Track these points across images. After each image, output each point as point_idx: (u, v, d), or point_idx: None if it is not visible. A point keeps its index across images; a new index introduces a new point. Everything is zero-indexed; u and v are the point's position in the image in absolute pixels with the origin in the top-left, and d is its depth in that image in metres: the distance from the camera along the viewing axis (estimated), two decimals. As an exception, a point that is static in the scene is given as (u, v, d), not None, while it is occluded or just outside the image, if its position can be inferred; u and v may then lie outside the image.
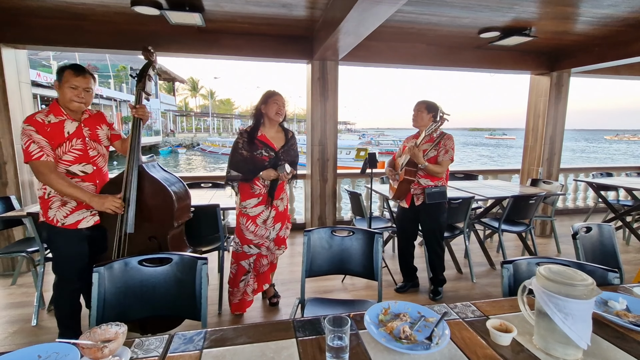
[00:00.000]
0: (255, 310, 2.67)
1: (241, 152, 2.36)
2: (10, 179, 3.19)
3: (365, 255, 1.95)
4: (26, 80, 3.34)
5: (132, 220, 1.91)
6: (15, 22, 3.03)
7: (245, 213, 2.42)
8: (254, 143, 2.36)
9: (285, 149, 2.45)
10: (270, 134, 2.43)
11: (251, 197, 2.41)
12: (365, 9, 2.08)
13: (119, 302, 1.47)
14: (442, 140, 2.61)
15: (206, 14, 2.88)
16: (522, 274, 1.57)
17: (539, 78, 4.48)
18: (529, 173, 4.68)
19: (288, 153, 2.46)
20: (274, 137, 2.44)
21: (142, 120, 1.98)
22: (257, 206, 2.41)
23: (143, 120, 1.98)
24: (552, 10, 2.83)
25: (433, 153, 2.62)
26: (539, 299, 0.98)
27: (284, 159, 2.42)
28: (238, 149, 2.37)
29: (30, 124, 1.78)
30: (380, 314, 1.14)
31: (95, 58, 30.49)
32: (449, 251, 3.36)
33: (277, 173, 2.35)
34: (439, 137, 2.61)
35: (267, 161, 2.38)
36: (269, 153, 2.38)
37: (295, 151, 2.54)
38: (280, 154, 2.42)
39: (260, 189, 2.41)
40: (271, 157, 2.39)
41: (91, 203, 1.84)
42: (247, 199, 2.41)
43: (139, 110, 1.95)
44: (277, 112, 2.37)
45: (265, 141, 2.40)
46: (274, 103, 2.36)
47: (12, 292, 2.90)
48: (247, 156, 2.35)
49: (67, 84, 1.83)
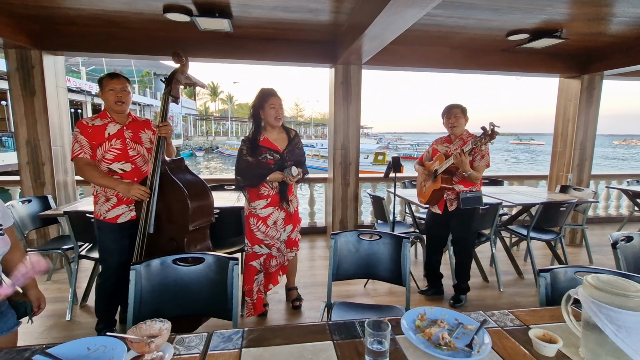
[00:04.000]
0: (278, 313, 2.68)
1: (246, 159, 2.36)
2: (47, 179, 3.35)
3: (392, 260, 1.93)
4: (62, 85, 3.51)
5: (153, 220, 1.99)
6: (54, 31, 3.19)
7: (256, 214, 2.43)
8: (257, 148, 2.34)
9: (289, 149, 2.42)
10: (273, 136, 2.41)
11: (260, 198, 2.40)
12: (394, 12, 2.08)
13: (154, 300, 1.51)
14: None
15: (234, 19, 2.95)
16: (560, 283, 1.51)
17: (568, 81, 4.34)
18: (557, 179, 4.52)
19: (293, 152, 2.43)
20: (276, 139, 2.41)
21: (166, 137, 2.05)
22: (266, 207, 2.41)
23: (167, 138, 2.06)
24: (585, 11, 2.74)
25: (469, 158, 2.53)
26: (587, 310, 0.94)
27: (289, 159, 2.39)
28: (243, 155, 2.37)
29: (77, 126, 2.02)
30: (416, 320, 1.12)
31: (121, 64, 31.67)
32: (474, 258, 3.28)
33: (283, 176, 2.34)
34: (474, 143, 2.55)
35: (273, 164, 2.36)
36: (274, 156, 2.36)
37: (301, 150, 2.50)
38: (285, 155, 2.39)
39: (268, 191, 2.40)
40: (276, 159, 2.37)
41: (118, 189, 2.00)
42: (256, 200, 2.41)
43: (162, 129, 2.02)
44: (276, 117, 2.34)
45: (268, 145, 2.38)
46: (271, 108, 2.32)
47: (47, 288, 3.03)
48: (252, 162, 2.34)
49: (106, 88, 2.01)
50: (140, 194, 1.98)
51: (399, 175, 3.00)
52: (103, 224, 2.11)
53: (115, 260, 2.13)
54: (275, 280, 2.65)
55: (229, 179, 4.25)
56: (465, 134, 2.64)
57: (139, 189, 1.98)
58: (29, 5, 2.72)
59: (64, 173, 3.52)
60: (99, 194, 2.10)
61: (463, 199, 2.57)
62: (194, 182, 2.18)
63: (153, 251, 2.06)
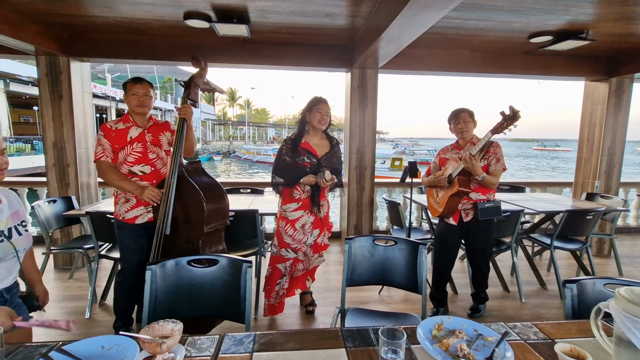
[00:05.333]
0: (292, 317, 2.66)
1: (284, 159, 2.41)
2: (71, 180, 3.47)
3: (408, 267, 1.88)
4: (88, 90, 3.65)
5: (169, 221, 2.03)
6: (81, 38, 3.33)
7: (285, 216, 2.45)
8: (297, 150, 2.40)
9: (328, 156, 2.47)
10: (314, 141, 2.46)
11: (291, 201, 2.44)
12: (412, 15, 2.05)
13: (168, 301, 1.53)
14: (492, 148, 2.44)
15: (252, 25, 2.99)
16: (587, 295, 1.43)
17: (595, 84, 4.16)
18: (583, 186, 4.33)
19: (330, 160, 2.47)
20: (317, 144, 2.46)
21: (186, 120, 2.09)
22: (296, 210, 2.44)
23: (187, 120, 2.10)
24: (613, 11, 2.63)
25: (483, 163, 2.42)
26: (620, 325, 0.88)
27: (325, 165, 2.44)
28: (282, 155, 2.43)
29: (101, 129, 2.08)
30: (433, 329, 1.08)
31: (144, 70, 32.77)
32: (494, 267, 3.16)
33: (316, 179, 2.36)
34: (487, 145, 2.42)
35: (309, 167, 2.40)
36: (311, 160, 2.41)
37: (339, 159, 2.55)
38: (322, 161, 2.43)
39: (300, 194, 2.43)
40: (312, 163, 2.41)
41: (135, 192, 2.06)
42: (287, 203, 2.45)
43: (182, 109, 2.09)
44: (320, 120, 2.40)
45: (307, 148, 2.43)
46: (317, 112, 2.39)
47: (69, 286, 3.13)
48: (289, 162, 2.40)
49: (130, 92, 2.08)
50: (152, 196, 2.03)
51: (416, 180, 2.94)
52: (122, 223, 2.16)
53: (134, 259, 2.18)
54: (303, 285, 2.64)
55: (245, 182, 4.29)
56: (475, 139, 2.49)
57: (151, 192, 2.03)
58: (59, 13, 2.85)
59: (87, 175, 3.64)
60: (119, 194, 2.16)
61: (481, 209, 2.40)
62: (211, 185, 2.20)
63: (169, 252, 2.09)
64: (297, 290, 2.64)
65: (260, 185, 3.99)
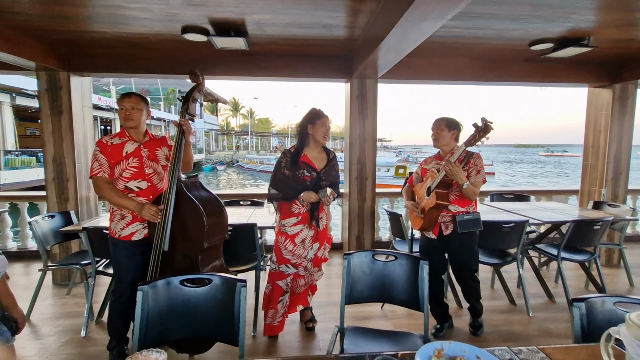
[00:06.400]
0: (291, 334, 2.58)
1: (283, 172, 2.37)
2: (71, 194, 3.46)
3: (409, 283, 1.82)
4: (88, 104, 3.66)
5: (167, 237, 1.99)
6: (81, 53, 3.36)
7: (284, 231, 2.40)
8: (297, 163, 2.36)
9: (327, 169, 2.43)
10: (313, 154, 2.42)
11: (290, 216, 2.39)
12: (410, 25, 2.03)
13: (161, 321, 1.48)
14: (472, 159, 2.34)
15: (250, 38, 2.99)
16: (597, 314, 1.36)
17: (598, 91, 4.11)
18: (589, 194, 4.24)
19: (329, 174, 2.44)
20: (315, 157, 2.43)
21: (185, 133, 2.08)
22: (295, 225, 2.39)
23: (185, 133, 2.08)
24: (614, 17, 2.59)
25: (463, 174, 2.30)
26: (632, 354, 0.82)
27: (325, 179, 2.40)
28: (280, 167, 2.38)
29: (97, 145, 2.07)
30: (432, 356, 1.02)
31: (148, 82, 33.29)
32: (499, 279, 3.08)
33: (317, 197, 2.32)
34: (467, 156, 2.32)
35: (309, 181, 2.36)
36: (311, 173, 2.37)
37: (337, 172, 2.52)
38: (322, 175, 2.40)
39: (299, 209, 2.38)
40: (313, 177, 2.37)
41: (134, 209, 2.04)
42: (286, 218, 2.40)
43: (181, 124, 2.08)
44: (325, 135, 2.37)
45: (307, 162, 2.39)
46: (322, 126, 2.36)
47: (66, 302, 3.08)
48: (288, 175, 2.35)
49: (119, 107, 2.09)
50: (151, 214, 2.00)
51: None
52: (117, 241, 2.12)
53: (129, 276, 2.14)
54: (304, 301, 2.58)
55: (245, 194, 4.26)
56: (456, 149, 2.35)
57: (149, 210, 2.00)
58: (58, 30, 2.87)
59: (87, 189, 3.62)
60: (115, 211, 2.13)
61: (460, 222, 2.30)
62: (209, 199, 2.17)
63: (167, 269, 2.05)
64: (298, 307, 2.58)
65: (261, 197, 3.95)
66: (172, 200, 2.01)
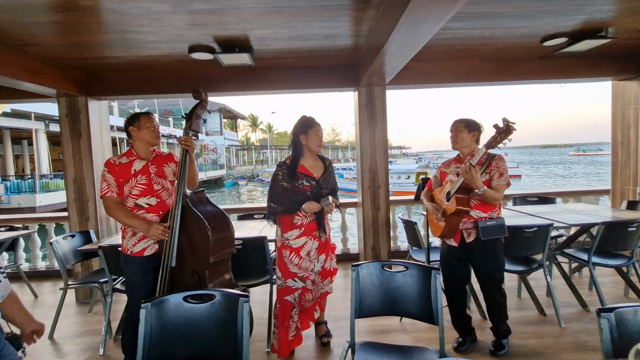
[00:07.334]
0: (306, 351, 2.51)
1: (281, 184, 2.33)
2: (91, 214, 3.59)
3: (421, 295, 1.73)
4: (106, 126, 3.82)
5: (174, 253, 2.00)
6: (97, 78, 3.53)
7: (289, 245, 2.35)
8: (295, 175, 2.33)
9: (325, 177, 2.39)
10: (309, 163, 2.39)
11: (293, 228, 2.34)
12: (408, 28, 1.99)
13: (164, 341, 1.46)
14: (494, 162, 2.22)
15: (254, 53, 3.04)
16: (629, 326, 1.23)
17: (623, 84, 3.88)
18: (622, 194, 3.96)
19: (328, 181, 2.40)
20: (312, 166, 2.39)
21: (189, 151, 2.11)
22: (299, 237, 2.33)
23: (189, 151, 2.11)
24: (631, 5, 2.44)
25: (485, 177, 2.20)
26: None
27: (325, 187, 2.36)
28: (278, 181, 2.34)
29: (105, 165, 2.12)
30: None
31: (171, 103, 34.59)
32: (526, 287, 2.89)
33: (320, 206, 2.28)
34: (489, 159, 2.21)
35: (309, 191, 2.32)
36: (310, 182, 2.33)
37: (334, 179, 2.48)
38: (321, 182, 2.36)
39: (301, 220, 2.33)
40: (312, 186, 2.33)
41: (142, 229, 2.06)
42: (289, 231, 2.34)
43: (185, 141, 2.11)
44: (319, 144, 2.34)
45: (305, 172, 2.35)
46: (315, 135, 2.32)
47: (87, 320, 3.15)
48: (287, 187, 2.32)
49: (144, 126, 2.13)
50: (159, 233, 2.02)
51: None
52: (130, 258, 2.15)
53: (140, 294, 2.14)
54: (312, 316, 2.49)
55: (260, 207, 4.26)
56: (476, 151, 2.23)
57: (157, 229, 2.02)
58: (77, 57, 3.03)
59: (106, 208, 3.74)
60: (127, 228, 2.17)
61: (482, 228, 2.17)
62: (215, 214, 2.17)
63: (176, 285, 2.05)
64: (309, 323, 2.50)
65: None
66: (178, 216, 2.02)
